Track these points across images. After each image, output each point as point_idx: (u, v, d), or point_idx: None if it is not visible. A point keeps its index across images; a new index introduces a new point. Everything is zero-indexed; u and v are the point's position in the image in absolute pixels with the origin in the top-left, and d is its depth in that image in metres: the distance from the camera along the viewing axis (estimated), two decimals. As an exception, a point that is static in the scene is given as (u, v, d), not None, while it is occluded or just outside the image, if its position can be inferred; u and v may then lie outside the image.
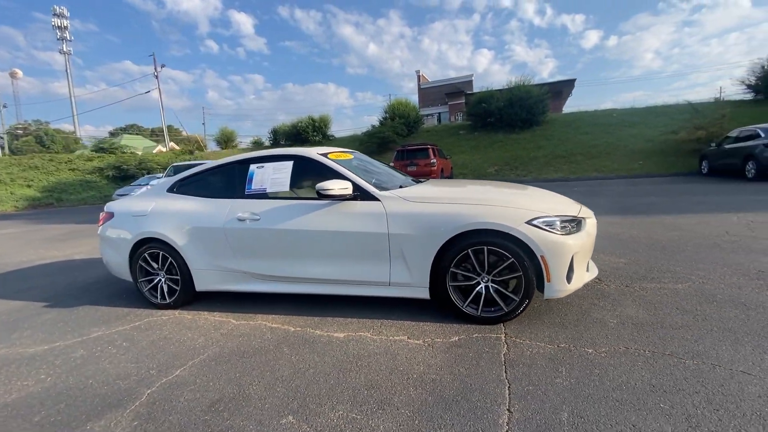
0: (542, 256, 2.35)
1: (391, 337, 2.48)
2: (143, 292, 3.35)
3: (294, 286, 2.97)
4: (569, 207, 2.70)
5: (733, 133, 10.92)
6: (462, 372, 2.01)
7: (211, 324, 2.93)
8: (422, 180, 3.59)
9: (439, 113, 31.46)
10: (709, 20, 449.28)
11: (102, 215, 3.61)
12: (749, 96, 17.89)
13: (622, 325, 2.41)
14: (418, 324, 2.64)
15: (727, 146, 10.86)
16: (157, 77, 27.42)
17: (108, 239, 3.50)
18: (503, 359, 2.10)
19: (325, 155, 3.06)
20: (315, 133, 24.62)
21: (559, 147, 17.48)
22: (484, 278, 2.52)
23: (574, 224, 2.51)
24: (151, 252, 3.27)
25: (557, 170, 15.45)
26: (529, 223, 2.39)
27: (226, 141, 27.34)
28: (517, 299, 2.45)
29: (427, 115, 28.75)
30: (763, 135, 9.48)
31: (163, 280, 3.30)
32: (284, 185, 2.99)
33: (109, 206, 3.63)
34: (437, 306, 2.83)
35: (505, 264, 2.43)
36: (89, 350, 2.63)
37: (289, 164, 3.05)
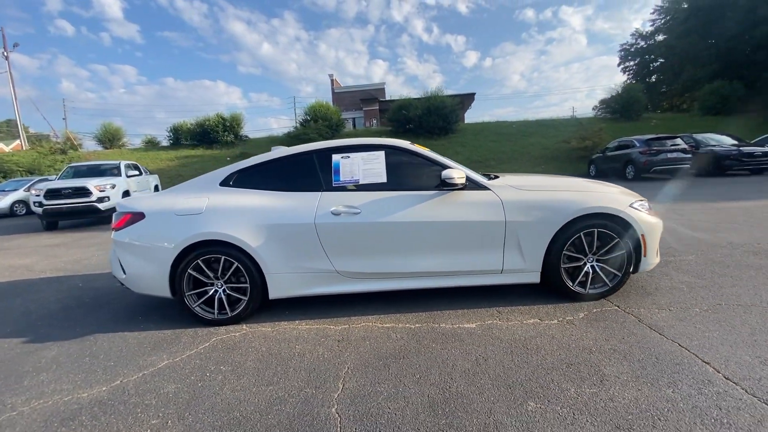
0: (643, 235, 2.71)
1: (524, 321, 2.54)
2: (192, 308, 2.75)
3: (397, 282, 2.80)
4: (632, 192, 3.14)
5: (613, 143, 13.63)
6: (629, 340, 2.20)
7: (309, 333, 2.57)
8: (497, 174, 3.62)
9: (354, 118, 31.78)
10: (557, 52, 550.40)
11: (121, 217, 2.83)
12: (591, 114, 23.26)
13: (692, 289, 2.91)
14: (533, 307, 2.75)
15: (609, 153, 13.49)
16: (7, 59, 21.74)
17: (136, 247, 2.77)
18: (646, 325, 2.37)
19: (412, 145, 2.98)
20: (226, 133, 22.56)
21: (474, 153, 19.37)
22: (590, 258, 2.77)
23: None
24: (206, 258, 2.71)
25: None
26: (631, 206, 2.72)
27: (110, 140, 23.10)
28: (620, 275, 2.76)
29: (344, 120, 28.79)
30: (637, 144, 12.07)
31: (221, 290, 2.76)
32: (380, 176, 2.81)
33: (132, 205, 2.87)
34: (521, 288, 3.00)
35: (611, 244, 2.73)
36: (181, 381, 2.08)
37: (381, 154, 2.88)
